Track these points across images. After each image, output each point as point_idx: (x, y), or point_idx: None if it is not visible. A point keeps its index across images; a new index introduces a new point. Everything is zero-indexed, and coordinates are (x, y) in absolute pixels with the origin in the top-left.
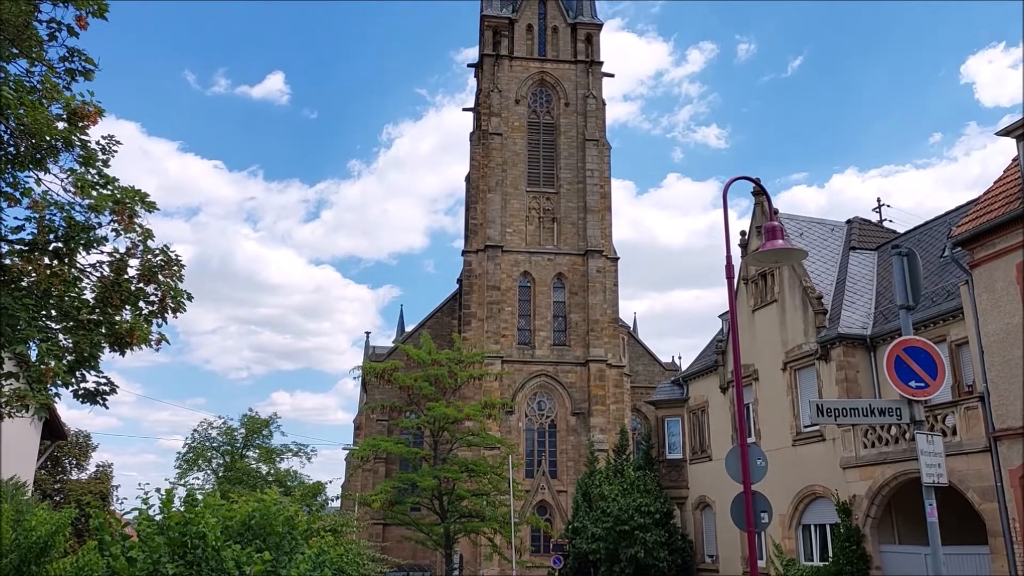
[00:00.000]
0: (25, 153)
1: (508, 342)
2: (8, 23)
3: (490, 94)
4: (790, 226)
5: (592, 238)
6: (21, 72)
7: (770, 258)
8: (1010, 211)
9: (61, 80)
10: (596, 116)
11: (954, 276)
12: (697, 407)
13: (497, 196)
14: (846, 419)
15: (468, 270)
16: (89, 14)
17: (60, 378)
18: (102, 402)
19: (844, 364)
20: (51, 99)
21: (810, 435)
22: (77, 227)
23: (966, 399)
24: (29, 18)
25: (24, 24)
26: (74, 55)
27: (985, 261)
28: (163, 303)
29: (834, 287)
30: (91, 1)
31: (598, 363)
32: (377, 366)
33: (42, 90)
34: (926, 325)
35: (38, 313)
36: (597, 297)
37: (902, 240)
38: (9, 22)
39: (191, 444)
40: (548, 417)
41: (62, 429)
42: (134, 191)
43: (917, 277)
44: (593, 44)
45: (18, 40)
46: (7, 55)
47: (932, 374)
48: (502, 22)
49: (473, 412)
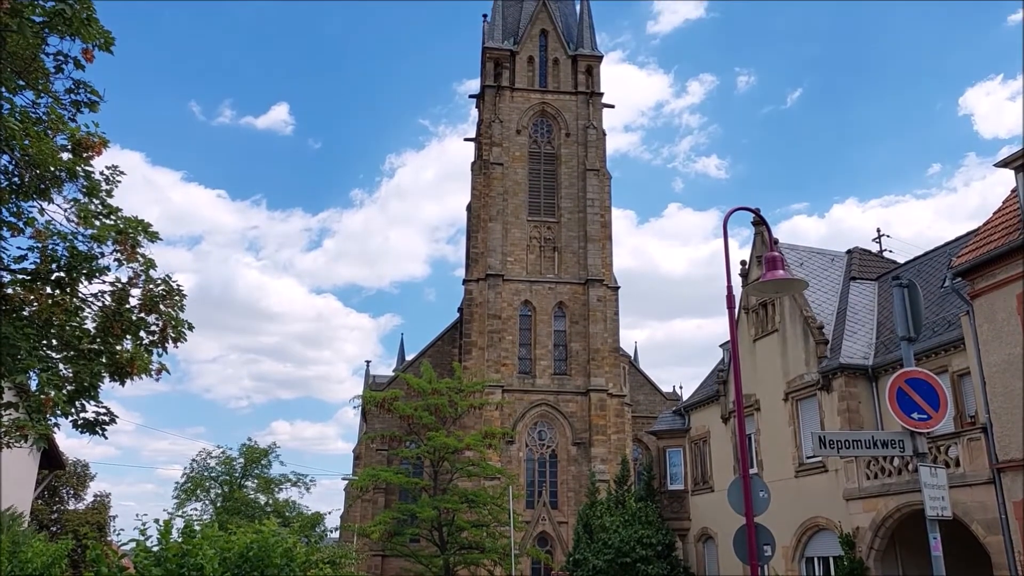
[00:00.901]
0: (29, 183)
1: (509, 371)
2: (15, 56)
3: (491, 124)
4: (790, 256)
5: (593, 267)
6: (27, 103)
7: (771, 288)
8: (1010, 242)
9: (66, 111)
10: (596, 146)
11: (955, 306)
12: (699, 437)
13: (498, 225)
14: (849, 451)
15: (469, 299)
16: (96, 47)
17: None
18: (101, 432)
19: (846, 394)
20: (56, 130)
21: (812, 466)
22: (80, 257)
23: (968, 430)
24: (36, 51)
25: (31, 57)
26: (80, 87)
27: (985, 291)
28: (164, 333)
29: (835, 317)
30: (98, 34)
31: (599, 392)
32: (377, 395)
33: (47, 121)
34: (927, 355)
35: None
36: (598, 326)
37: (902, 270)
38: (16, 54)
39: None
40: (549, 447)
41: (60, 458)
42: (137, 221)
43: (918, 308)
44: (593, 76)
45: (25, 72)
46: (13, 87)
47: (935, 406)
48: (504, 54)
49: (473, 442)
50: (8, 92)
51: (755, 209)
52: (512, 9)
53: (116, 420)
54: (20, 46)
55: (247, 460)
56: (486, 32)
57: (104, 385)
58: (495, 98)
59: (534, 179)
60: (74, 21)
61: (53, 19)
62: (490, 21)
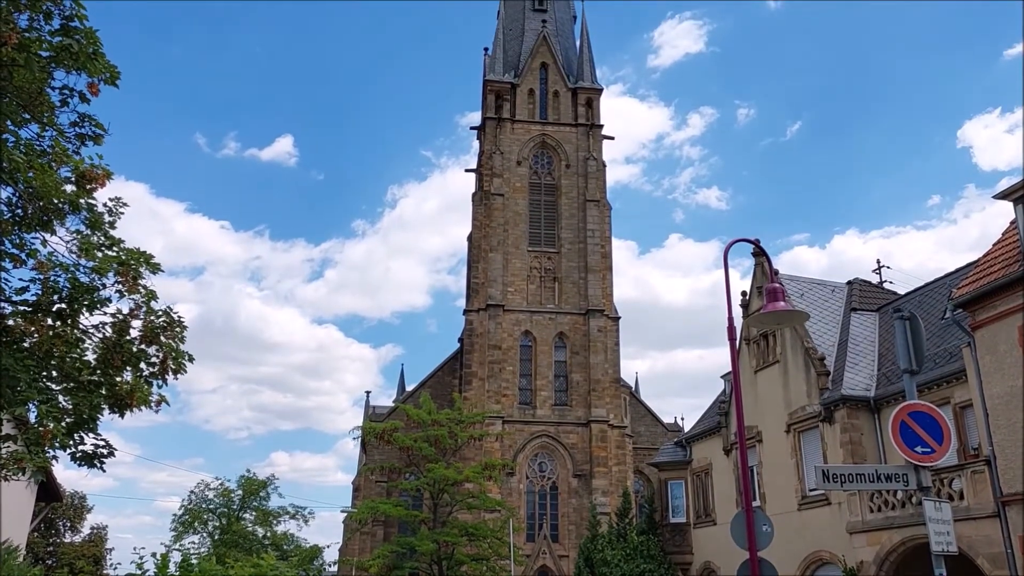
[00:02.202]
0: (32, 215)
1: (509, 402)
2: (22, 89)
3: (492, 156)
4: (791, 287)
5: (593, 297)
6: (32, 136)
7: (772, 320)
8: (1010, 273)
9: (71, 144)
10: (597, 177)
11: (956, 338)
12: (700, 469)
13: (499, 256)
14: (852, 485)
15: (469, 329)
16: (101, 81)
17: (58, 440)
18: (99, 465)
19: (848, 426)
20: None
21: (815, 499)
22: (81, 288)
23: (972, 463)
24: (42, 85)
25: (37, 91)
26: (85, 120)
27: (986, 323)
28: (164, 364)
29: (836, 348)
30: (104, 69)
31: (600, 423)
32: (377, 426)
33: (52, 154)
34: (929, 387)
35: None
36: (598, 357)
37: (903, 302)
38: (23, 88)
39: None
40: (549, 479)
41: (58, 491)
42: (139, 253)
43: (920, 341)
44: (593, 108)
45: (31, 106)
46: (19, 120)
47: (938, 439)
48: (504, 87)
49: (473, 474)
50: (14, 125)
51: (755, 240)
52: (513, 43)
53: (114, 453)
54: (26, 80)
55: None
56: (487, 65)
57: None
58: (496, 130)
59: (535, 210)
60: (80, 56)
61: (60, 54)
62: (491, 54)
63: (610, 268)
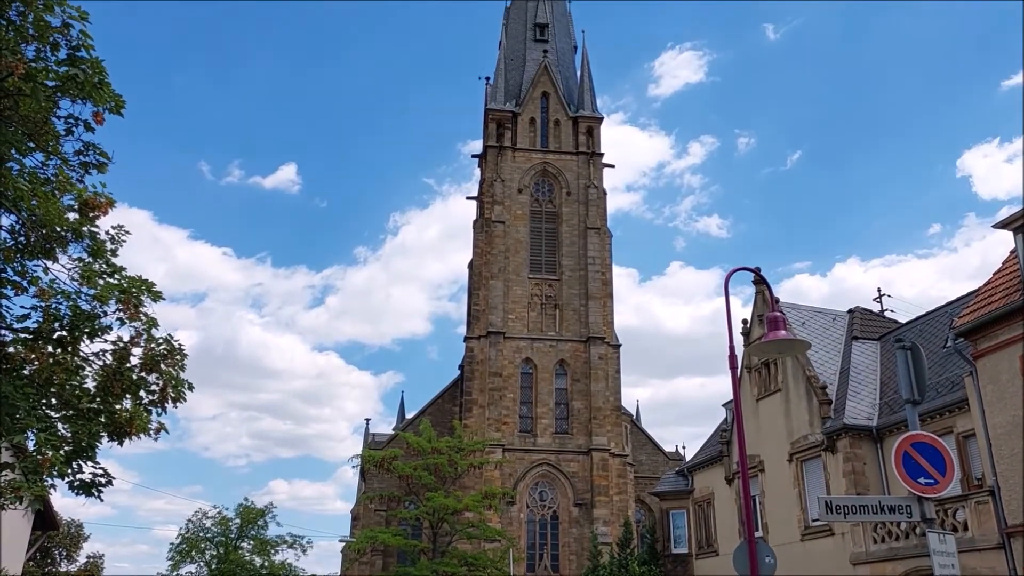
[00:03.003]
0: (35, 243)
1: (510, 429)
2: (27, 118)
3: (493, 183)
4: (792, 315)
5: (594, 325)
6: (36, 164)
7: (773, 349)
8: (1011, 302)
9: (75, 173)
10: (597, 205)
11: (958, 367)
12: (702, 499)
13: (499, 283)
14: (855, 516)
15: (470, 356)
16: (106, 110)
17: (57, 468)
18: (97, 494)
19: (851, 456)
20: (64, 190)
21: (819, 529)
22: (82, 316)
23: (976, 493)
24: (48, 114)
25: (43, 120)
26: (89, 149)
27: (988, 352)
28: (164, 393)
29: (838, 377)
30: (109, 98)
31: (600, 452)
32: (376, 454)
33: (55, 182)
34: (932, 417)
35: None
36: (599, 384)
37: (904, 331)
38: (28, 117)
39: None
40: (550, 508)
41: (54, 519)
42: (140, 280)
43: (922, 371)
44: (594, 136)
45: (36, 135)
46: (24, 149)
47: (941, 470)
48: (506, 115)
49: (473, 503)
50: (18, 154)
51: (755, 269)
52: (514, 72)
53: (112, 481)
54: (32, 109)
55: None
56: (489, 94)
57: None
58: (497, 158)
59: (535, 237)
60: (86, 85)
61: (66, 83)
62: (492, 83)
63: (611, 295)
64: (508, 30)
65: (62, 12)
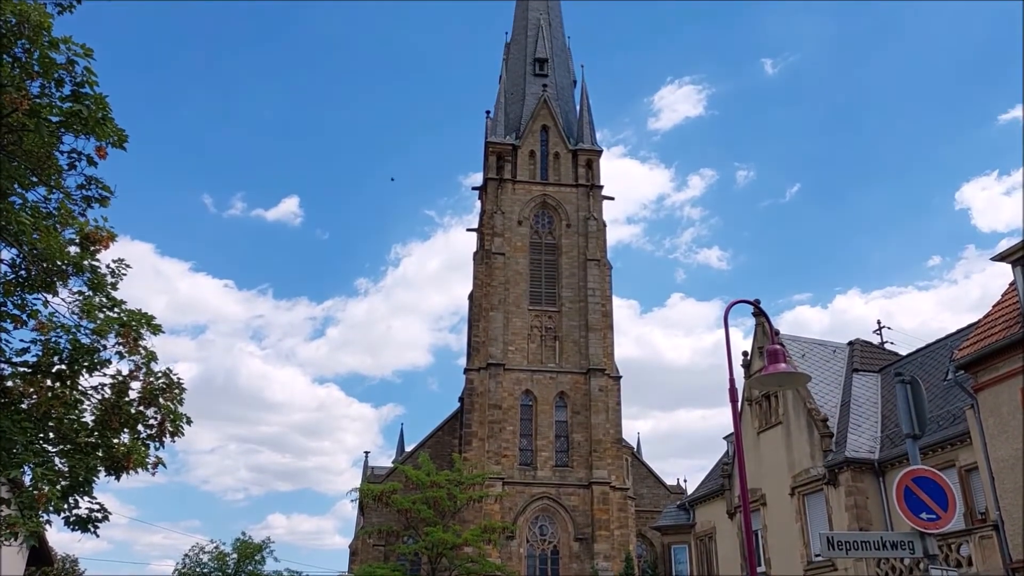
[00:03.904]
0: (36, 277)
1: (509, 462)
2: (30, 153)
3: (493, 215)
4: (792, 347)
5: (594, 356)
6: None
7: (773, 382)
8: (1011, 335)
9: (77, 207)
10: (597, 237)
11: (959, 399)
12: (704, 533)
13: (499, 314)
14: (858, 552)
15: (470, 388)
16: (109, 144)
17: (53, 504)
18: (93, 530)
19: (853, 490)
20: (65, 224)
21: (822, 565)
22: (82, 349)
23: (980, 527)
24: (51, 149)
25: (46, 155)
26: (92, 183)
27: (989, 385)
28: (162, 427)
29: (839, 409)
30: (112, 132)
31: (601, 485)
32: (375, 488)
33: (57, 216)
34: (933, 450)
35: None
36: (599, 416)
37: (904, 363)
38: (32, 152)
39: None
40: (550, 543)
41: (49, 555)
42: (140, 314)
43: (922, 405)
44: (593, 169)
45: (39, 169)
46: (27, 183)
47: (943, 506)
48: (506, 148)
49: (472, 537)
50: (21, 188)
51: (754, 301)
52: (514, 106)
53: (109, 517)
54: (36, 144)
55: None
56: (489, 127)
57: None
58: (497, 190)
59: (535, 269)
60: (90, 121)
61: (69, 119)
62: (493, 117)
63: (611, 327)
64: (508, 65)
65: (67, 49)
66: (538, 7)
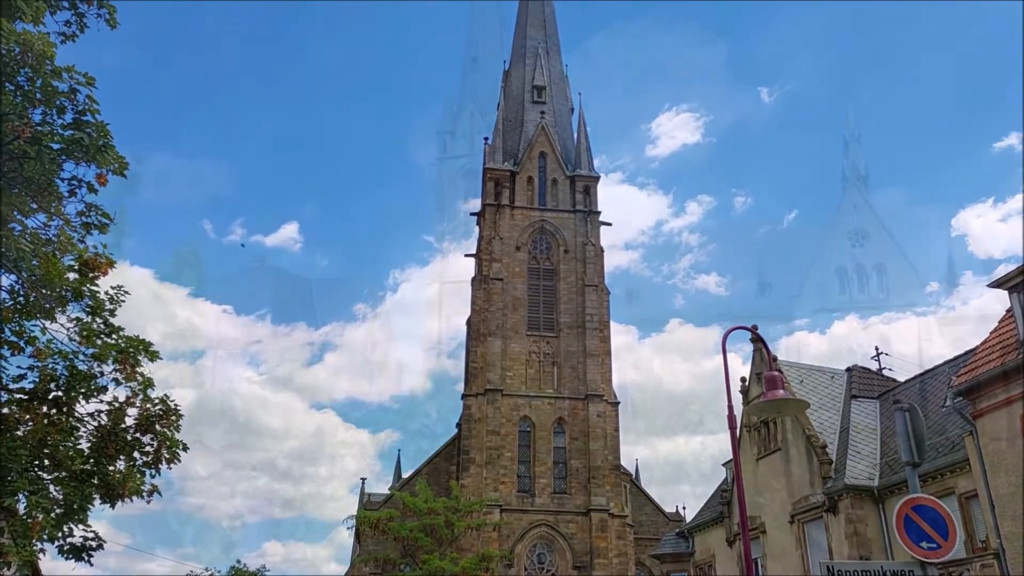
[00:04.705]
0: (34, 303)
1: (507, 489)
2: (31, 180)
3: (491, 241)
4: (790, 373)
5: (592, 382)
6: (39, 225)
7: (772, 408)
8: (1009, 361)
9: (76, 233)
10: (595, 263)
11: (958, 426)
12: (704, 561)
13: (497, 340)
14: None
15: (468, 414)
16: (109, 172)
17: (47, 532)
18: (87, 559)
19: (853, 517)
20: (65, 250)
21: None
22: (79, 376)
23: (981, 556)
24: (52, 176)
25: (47, 182)
26: (91, 210)
27: (988, 411)
28: (158, 454)
29: (837, 436)
30: (112, 160)
31: (600, 512)
32: (372, 515)
33: (57, 242)
34: (933, 477)
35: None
36: (598, 443)
37: (903, 389)
38: (32, 180)
39: None
40: (549, 571)
41: None
42: (138, 340)
43: (921, 433)
44: (591, 195)
45: (39, 196)
46: (27, 210)
47: (943, 534)
48: (504, 174)
49: (470, 565)
50: (21, 215)
51: (752, 327)
52: (512, 133)
53: (103, 545)
54: (37, 171)
55: None
56: (487, 154)
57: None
58: (495, 216)
59: (533, 294)
60: (91, 148)
61: (71, 146)
62: (491, 143)
63: (609, 352)
64: (507, 92)
65: (69, 78)
66: (536, 36)
